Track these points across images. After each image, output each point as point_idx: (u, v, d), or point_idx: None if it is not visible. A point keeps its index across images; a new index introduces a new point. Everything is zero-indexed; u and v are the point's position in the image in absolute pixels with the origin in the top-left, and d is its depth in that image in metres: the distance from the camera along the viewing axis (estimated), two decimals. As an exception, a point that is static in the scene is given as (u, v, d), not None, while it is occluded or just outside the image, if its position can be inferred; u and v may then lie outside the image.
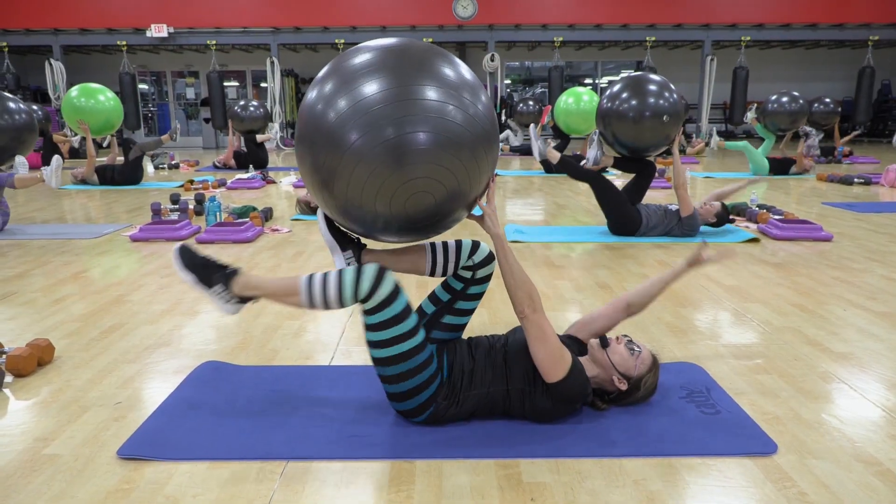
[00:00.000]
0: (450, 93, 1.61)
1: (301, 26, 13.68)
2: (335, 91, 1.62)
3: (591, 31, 13.89)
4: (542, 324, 1.75)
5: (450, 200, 1.67)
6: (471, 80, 1.70)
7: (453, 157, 1.60)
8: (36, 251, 4.22)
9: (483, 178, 1.73)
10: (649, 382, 1.91)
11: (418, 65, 1.62)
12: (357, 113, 1.57)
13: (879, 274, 3.55)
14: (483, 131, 1.66)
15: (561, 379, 1.76)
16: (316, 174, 1.67)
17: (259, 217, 4.92)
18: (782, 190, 7.12)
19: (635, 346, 1.91)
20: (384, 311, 1.70)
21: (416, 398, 1.79)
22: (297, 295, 1.75)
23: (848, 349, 2.46)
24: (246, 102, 9.35)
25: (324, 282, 1.72)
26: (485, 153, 1.68)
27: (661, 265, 3.76)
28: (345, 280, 1.70)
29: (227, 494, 1.55)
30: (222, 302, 1.82)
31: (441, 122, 1.58)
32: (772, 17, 13.64)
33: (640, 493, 1.55)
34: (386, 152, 1.56)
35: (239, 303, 1.84)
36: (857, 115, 14.04)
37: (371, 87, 1.58)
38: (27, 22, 13.46)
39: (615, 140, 4.48)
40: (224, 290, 1.81)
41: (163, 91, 16.84)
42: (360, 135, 1.56)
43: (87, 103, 7.30)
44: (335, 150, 1.60)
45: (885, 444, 1.76)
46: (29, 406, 2.02)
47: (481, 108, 1.67)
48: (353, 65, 1.65)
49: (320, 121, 1.62)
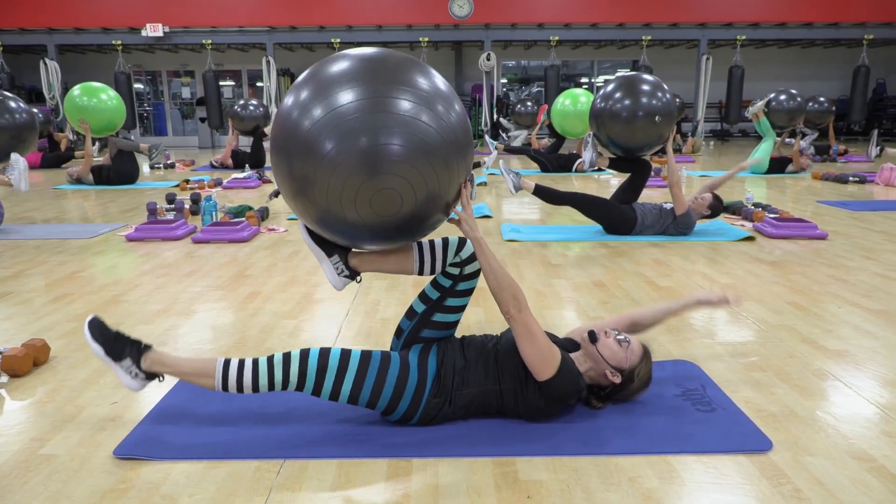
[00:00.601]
0: (424, 103, 1.63)
1: (297, 25, 13.67)
2: (311, 99, 1.64)
3: (587, 31, 13.91)
4: (528, 323, 1.75)
5: (425, 206, 1.69)
6: (445, 91, 1.73)
7: (427, 165, 1.63)
8: (31, 251, 4.21)
9: (457, 185, 1.76)
10: (642, 373, 1.91)
11: (393, 75, 1.65)
12: (332, 121, 1.59)
13: (874, 272, 3.57)
14: (456, 139, 1.69)
15: (551, 377, 1.77)
16: (292, 182, 1.68)
17: (255, 216, 4.91)
18: (778, 188, 7.14)
19: (624, 338, 1.92)
20: (307, 384, 1.76)
21: (399, 405, 1.80)
22: (211, 378, 1.78)
23: (843, 347, 2.47)
24: (245, 102, 9.35)
25: (239, 369, 1.77)
26: (458, 160, 1.71)
27: (657, 264, 3.77)
28: (260, 371, 1.76)
29: (224, 494, 1.55)
30: (128, 377, 1.82)
31: (415, 130, 1.60)
32: (767, 16, 13.67)
33: (636, 490, 1.56)
34: (360, 160, 1.58)
35: (145, 379, 1.84)
36: (852, 114, 14.09)
37: (347, 97, 1.60)
38: (22, 21, 13.41)
39: (608, 140, 4.49)
40: (132, 365, 1.82)
41: (158, 91, 16.80)
42: (335, 143, 1.58)
43: (89, 102, 7.28)
44: (310, 159, 1.61)
45: (880, 441, 1.77)
46: (25, 406, 2.02)
47: (454, 117, 1.70)
48: (329, 73, 1.67)
49: (296, 129, 1.64)
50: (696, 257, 3.93)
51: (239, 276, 3.57)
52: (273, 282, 3.44)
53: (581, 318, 2.83)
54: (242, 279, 3.50)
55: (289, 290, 3.28)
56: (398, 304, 3.01)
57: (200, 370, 1.80)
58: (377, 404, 1.79)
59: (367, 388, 1.77)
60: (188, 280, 3.49)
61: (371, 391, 1.78)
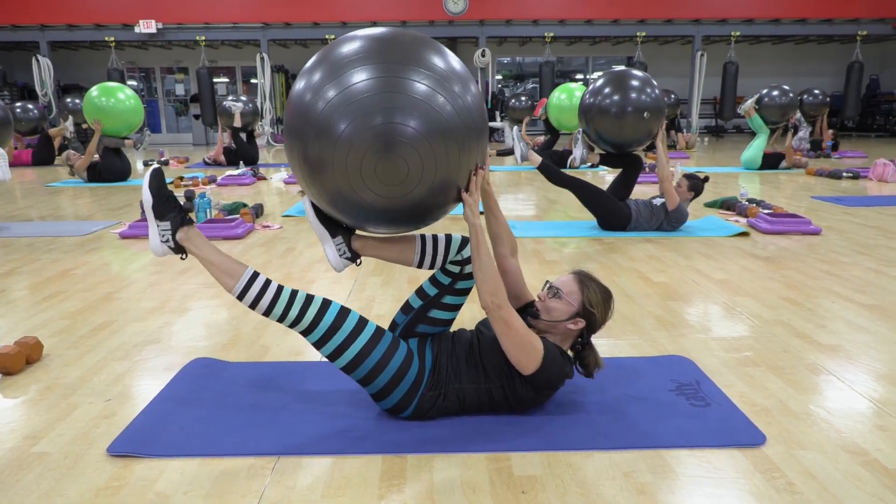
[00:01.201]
0: (439, 83, 1.61)
1: (291, 22, 13.62)
2: (324, 80, 1.61)
3: (582, 27, 13.90)
4: (507, 318, 1.71)
5: (438, 189, 1.66)
6: (461, 71, 1.69)
7: (442, 147, 1.60)
8: (24, 249, 4.19)
9: (475, 166, 1.73)
10: (593, 297, 1.85)
11: (408, 54, 1.61)
12: (346, 101, 1.56)
13: (867, 267, 3.58)
14: (472, 122, 1.66)
15: (537, 369, 1.74)
16: (305, 164, 1.66)
17: (249, 213, 4.90)
18: (772, 184, 7.16)
19: (553, 288, 1.86)
20: (315, 333, 1.76)
21: (395, 392, 1.79)
22: (234, 279, 1.77)
23: (836, 341, 2.48)
24: (235, 98, 9.30)
25: (264, 286, 1.77)
26: (473, 143, 1.68)
27: (651, 259, 3.78)
28: (280, 298, 1.76)
29: (218, 491, 1.55)
30: (159, 238, 1.83)
31: (430, 111, 1.58)
32: (761, 12, 13.69)
33: (631, 484, 1.56)
34: (375, 140, 1.55)
35: (172, 248, 1.85)
36: (846, 110, 14.13)
37: (360, 76, 1.57)
38: (13, 18, 13.33)
39: (598, 136, 4.49)
40: (167, 230, 1.82)
41: (152, 87, 16.73)
42: (349, 123, 1.56)
43: (107, 103, 7.21)
44: (324, 140, 1.59)
45: (872, 435, 1.78)
46: (17, 404, 2.01)
47: (470, 99, 1.67)
48: (341, 54, 1.63)
49: (309, 111, 1.61)
50: (690, 253, 3.94)
51: (233, 273, 3.56)
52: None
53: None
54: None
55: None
56: (393, 301, 3.01)
57: (228, 269, 1.79)
58: (372, 383, 1.77)
59: (369, 363, 1.76)
60: (182, 277, 3.47)
61: (372, 367, 1.76)
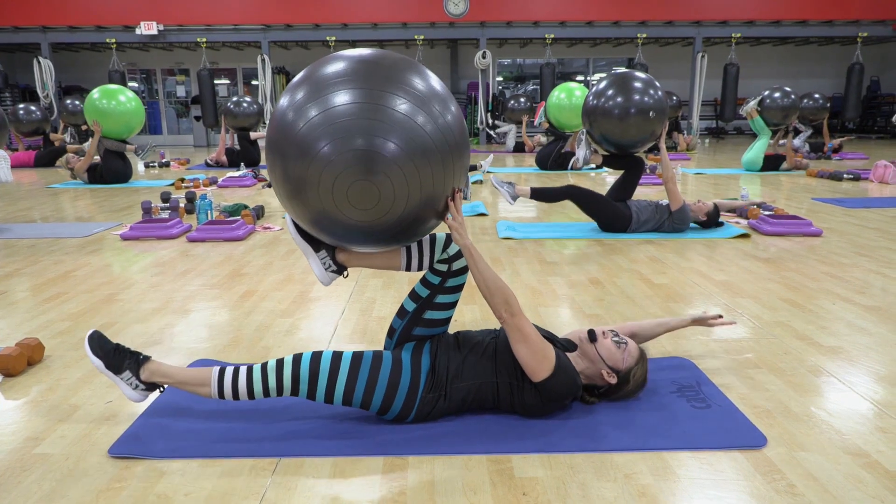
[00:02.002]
0: (419, 103, 1.63)
1: (292, 24, 13.64)
2: (306, 100, 1.63)
3: (583, 28, 13.91)
4: (521, 326, 1.77)
5: (421, 208, 1.69)
6: (441, 92, 1.72)
7: (424, 166, 1.62)
8: (25, 250, 4.19)
9: (455, 186, 1.76)
10: (638, 375, 1.93)
11: (389, 76, 1.64)
12: (327, 122, 1.59)
13: (868, 268, 3.58)
14: (452, 140, 1.69)
15: (546, 377, 1.78)
16: (287, 183, 1.67)
17: (250, 215, 4.91)
18: (773, 186, 7.16)
19: (621, 339, 1.93)
20: (301, 388, 1.78)
21: (394, 403, 1.80)
22: (207, 386, 1.81)
23: (837, 343, 2.48)
24: (239, 99, 9.30)
25: (234, 376, 1.79)
26: (455, 161, 1.71)
27: (652, 261, 3.78)
28: (254, 378, 1.78)
29: (220, 492, 1.55)
30: (129, 388, 1.85)
31: (410, 130, 1.60)
32: (762, 13, 13.70)
33: (632, 486, 1.56)
34: (356, 161, 1.58)
35: (145, 390, 1.87)
36: (846, 112, 14.13)
37: (342, 98, 1.60)
38: (15, 19, 13.35)
39: (601, 137, 4.50)
40: (132, 377, 1.85)
41: (153, 89, 16.75)
42: (330, 143, 1.58)
43: (108, 105, 7.21)
44: (305, 159, 1.61)
45: (873, 437, 1.78)
46: (19, 406, 2.01)
47: (450, 118, 1.70)
48: (325, 74, 1.66)
49: (291, 129, 1.63)
50: (692, 254, 3.94)
51: (234, 274, 3.56)
52: (269, 280, 3.43)
53: (577, 316, 2.84)
54: (238, 278, 3.49)
55: (284, 288, 3.28)
56: (394, 303, 3.01)
57: (197, 379, 1.82)
58: (371, 404, 1.80)
59: (359, 389, 1.78)
60: (183, 279, 3.48)
61: (364, 391, 1.78)
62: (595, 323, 2.71)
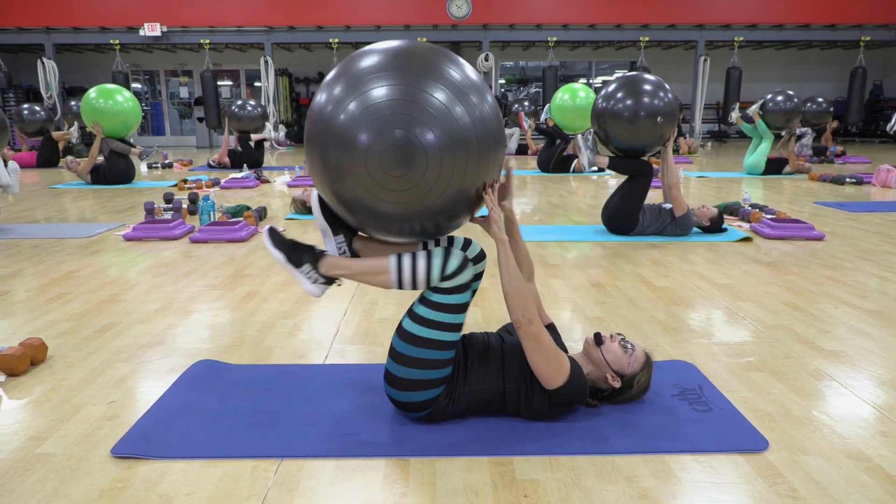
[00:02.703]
0: (457, 94, 1.64)
1: (295, 25, 13.66)
2: (345, 94, 1.65)
3: (585, 31, 13.92)
4: (538, 333, 1.75)
5: (455, 201, 1.69)
6: (477, 82, 1.72)
7: (461, 158, 1.63)
8: (29, 250, 4.21)
9: (490, 179, 1.75)
10: (642, 380, 1.92)
11: (425, 67, 1.64)
12: (367, 115, 1.60)
13: (870, 273, 3.58)
14: (490, 132, 1.68)
15: (561, 385, 1.78)
16: (326, 173, 1.69)
17: (253, 216, 4.91)
18: (775, 189, 7.15)
19: (629, 344, 1.93)
20: (450, 297, 1.75)
21: (421, 392, 1.79)
22: (386, 274, 1.78)
23: (839, 347, 2.48)
24: (243, 102, 9.32)
25: (413, 261, 1.76)
26: (491, 153, 1.70)
27: (655, 264, 3.78)
28: (434, 260, 1.74)
29: (222, 493, 1.55)
30: (309, 282, 1.86)
31: (448, 123, 1.60)
32: (765, 17, 13.69)
33: (633, 489, 1.56)
34: (395, 152, 1.59)
35: (324, 283, 1.87)
36: (849, 116, 14.12)
37: (380, 91, 1.61)
38: (19, 20, 13.38)
39: (610, 140, 4.50)
40: (311, 270, 1.85)
41: (156, 90, 16.77)
42: (370, 136, 1.59)
43: (105, 104, 7.25)
44: (345, 151, 1.62)
45: (875, 441, 1.78)
46: (22, 405, 2.01)
47: (488, 109, 1.69)
48: (361, 68, 1.67)
49: (330, 122, 1.65)
50: (694, 258, 3.94)
51: (237, 275, 3.57)
52: (271, 281, 3.44)
53: (578, 319, 2.84)
54: (240, 279, 3.50)
55: (287, 289, 3.28)
56: (396, 304, 3.01)
57: (375, 268, 1.81)
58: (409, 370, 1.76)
59: (429, 354, 1.75)
60: (186, 279, 3.48)
61: (427, 360, 1.75)
62: (597, 326, 2.72)
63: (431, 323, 1.76)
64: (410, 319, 1.79)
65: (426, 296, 1.78)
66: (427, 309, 1.76)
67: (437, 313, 1.76)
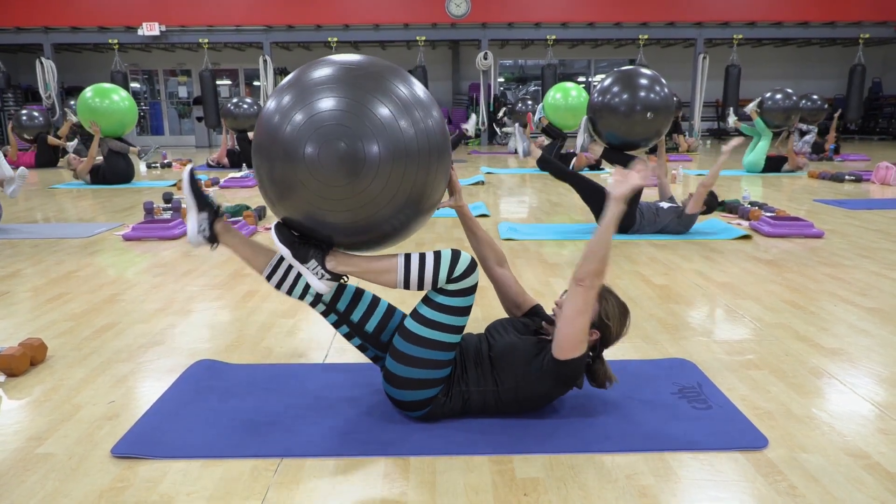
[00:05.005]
0: (402, 109, 1.68)
1: (294, 24, 13.65)
2: (293, 104, 1.67)
3: (584, 30, 13.91)
4: (590, 300, 1.74)
5: (405, 208, 1.73)
6: (423, 99, 1.76)
7: (405, 168, 1.66)
8: (28, 250, 4.20)
9: (438, 186, 1.80)
10: (611, 312, 1.87)
11: (373, 83, 1.68)
12: (312, 126, 1.63)
13: (869, 270, 3.58)
14: (434, 144, 1.73)
15: (575, 357, 1.76)
16: (273, 186, 1.72)
17: (252, 216, 4.91)
18: (774, 187, 7.15)
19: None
20: (455, 299, 1.76)
21: (420, 391, 1.80)
22: (393, 273, 1.79)
23: (838, 345, 2.48)
24: (239, 100, 9.30)
25: (421, 261, 1.76)
26: (436, 163, 1.75)
27: (654, 262, 3.78)
28: (442, 262, 1.74)
29: (222, 492, 1.55)
30: (315, 278, 1.84)
31: (393, 134, 1.64)
32: (764, 15, 13.69)
33: (633, 487, 1.56)
34: (340, 164, 1.61)
35: (330, 279, 1.86)
36: (848, 113, 14.12)
37: (327, 103, 1.64)
38: (17, 20, 13.37)
39: (606, 134, 4.50)
40: (318, 266, 1.84)
41: (155, 90, 16.76)
42: (315, 147, 1.62)
43: (101, 104, 7.25)
44: (290, 162, 1.65)
45: (875, 438, 1.78)
46: (22, 405, 2.01)
47: (432, 123, 1.74)
48: (311, 79, 1.70)
49: (277, 133, 1.67)
50: (693, 256, 3.94)
51: (236, 274, 3.57)
52: (270, 281, 3.44)
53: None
54: (240, 278, 3.50)
55: (286, 289, 3.28)
56: (396, 304, 3.00)
57: (382, 267, 1.80)
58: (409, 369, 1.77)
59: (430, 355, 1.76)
60: (185, 279, 3.48)
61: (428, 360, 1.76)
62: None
63: (434, 324, 1.76)
64: (413, 319, 1.79)
65: (431, 297, 1.78)
66: (431, 310, 1.77)
67: (441, 315, 1.76)
